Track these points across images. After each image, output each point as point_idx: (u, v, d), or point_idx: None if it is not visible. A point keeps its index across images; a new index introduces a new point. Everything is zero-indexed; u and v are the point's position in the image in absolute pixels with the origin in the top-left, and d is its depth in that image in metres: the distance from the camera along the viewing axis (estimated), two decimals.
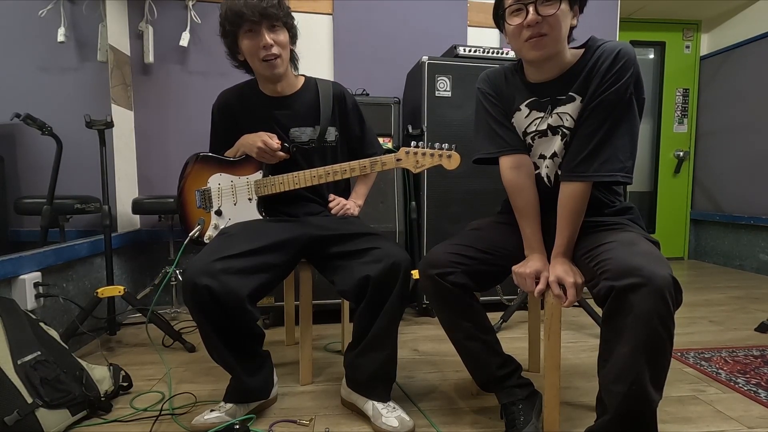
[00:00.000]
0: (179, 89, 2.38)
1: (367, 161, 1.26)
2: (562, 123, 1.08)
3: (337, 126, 1.43)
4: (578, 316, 2.08)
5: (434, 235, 2.13)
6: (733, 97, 3.32)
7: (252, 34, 1.24)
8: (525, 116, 1.13)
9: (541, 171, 1.15)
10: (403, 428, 1.15)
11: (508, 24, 1.02)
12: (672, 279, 0.83)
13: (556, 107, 1.08)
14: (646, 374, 0.84)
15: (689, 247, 3.76)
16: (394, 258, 1.18)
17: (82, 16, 1.99)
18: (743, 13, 3.29)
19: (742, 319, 2.10)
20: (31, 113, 1.61)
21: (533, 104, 1.12)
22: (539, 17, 0.97)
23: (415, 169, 1.24)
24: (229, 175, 1.38)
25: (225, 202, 1.37)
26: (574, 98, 1.05)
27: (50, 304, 1.62)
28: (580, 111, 1.05)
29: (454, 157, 1.21)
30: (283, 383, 1.46)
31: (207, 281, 1.07)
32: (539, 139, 1.13)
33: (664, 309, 0.82)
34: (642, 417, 0.87)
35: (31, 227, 1.68)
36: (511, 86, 1.16)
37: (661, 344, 0.84)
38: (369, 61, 2.51)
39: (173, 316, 2.17)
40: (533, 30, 0.98)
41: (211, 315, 1.11)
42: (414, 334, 1.94)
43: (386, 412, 1.19)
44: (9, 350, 1.13)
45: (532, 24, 0.97)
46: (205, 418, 1.18)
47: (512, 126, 1.16)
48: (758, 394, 1.35)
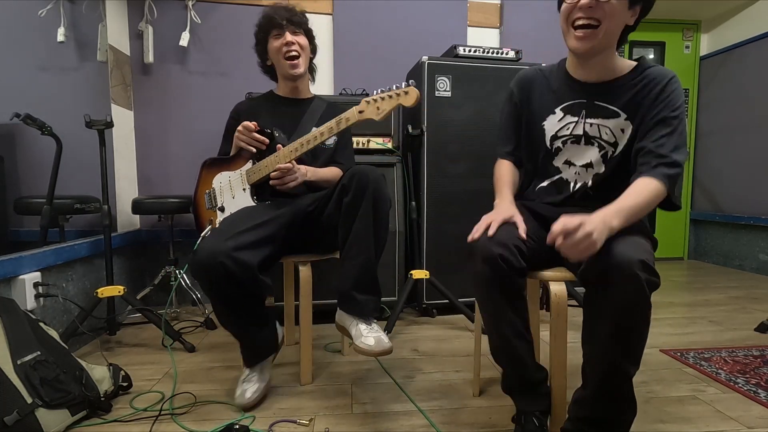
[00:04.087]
0: (179, 89, 2.38)
1: (333, 121, 1.27)
2: (600, 135, 1.07)
3: (336, 135, 1.45)
4: (578, 316, 2.08)
5: (434, 235, 2.14)
6: (733, 97, 3.32)
7: (278, 36, 1.50)
8: (558, 119, 1.12)
9: (563, 175, 1.15)
10: (378, 347, 1.17)
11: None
12: (641, 262, 0.84)
13: (593, 116, 1.07)
14: (622, 354, 0.90)
15: (689, 247, 3.76)
16: (359, 169, 1.27)
17: (82, 16, 1.99)
18: (743, 13, 3.29)
19: (742, 319, 2.10)
20: (31, 113, 1.61)
21: (568, 108, 1.11)
22: (597, 4, 0.92)
23: (378, 116, 1.21)
24: (227, 172, 1.49)
25: (226, 198, 1.47)
26: (619, 114, 1.04)
27: (50, 304, 1.62)
28: (632, 132, 1.04)
29: (410, 92, 1.16)
30: (283, 383, 1.46)
31: (222, 259, 1.14)
32: (571, 144, 1.11)
33: (638, 292, 0.85)
34: (620, 390, 0.94)
35: (31, 227, 1.68)
36: (547, 90, 1.14)
37: (636, 326, 0.88)
38: (369, 61, 2.51)
39: (173, 316, 2.17)
40: (585, 14, 0.94)
41: (225, 290, 1.19)
42: (414, 334, 1.94)
43: (366, 332, 1.23)
44: (9, 350, 1.13)
45: (584, 7, 0.93)
46: (247, 396, 1.28)
47: (518, 131, 1.22)
48: (758, 394, 1.35)
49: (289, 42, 1.49)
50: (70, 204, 1.83)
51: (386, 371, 1.54)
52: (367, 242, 1.27)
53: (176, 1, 2.33)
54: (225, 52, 2.39)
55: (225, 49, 2.42)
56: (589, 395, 0.97)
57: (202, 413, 1.27)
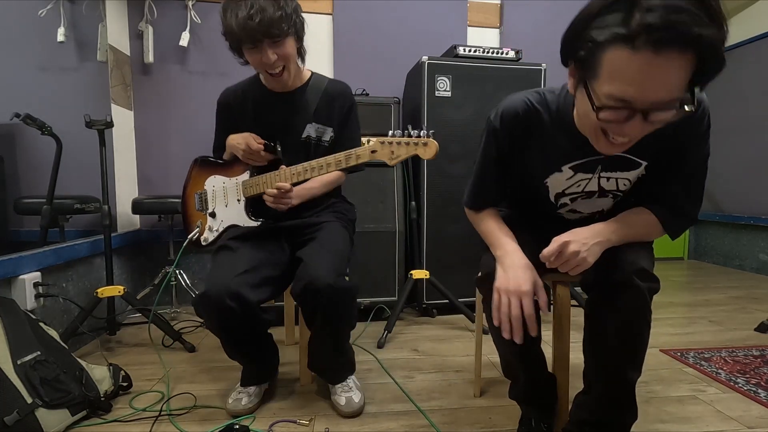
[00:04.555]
0: (179, 89, 2.38)
1: (342, 155, 1.19)
2: (617, 188, 0.96)
3: (335, 127, 1.42)
4: (578, 316, 2.08)
5: (434, 235, 2.13)
6: (733, 97, 3.32)
7: (255, 50, 1.22)
8: (567, 178, 0.96)
9: (564, 216, 1.06)
10: (347, 408, 1.26)
11: (589, 106, 0.72)
12: (642, 270, 0.85)
13: (611, 169, 0.92)
14: (626, 363, 0.90)
15: (689, 247, 3.76)
16: (313, 285, 1.14)
17: (82, 16, 1.99)
18: (743, 13, 3.29)
19: (742, 319, 2.10)
20: (31, 113, 1.61)
21: (580, 167, 0.93)
22: (646, 125, 0.71)
23: (391, 161, 1.15)
24: (222, 177, 1.39)
25: (218, 204, 1.39)
26: (640, 164, 0.91)
27: (50, 304, 1.62)
28: (646, 171, 0.93)
29: (430, 144, 1.10)
30: (283, 383, 1.46)
31: (231, 303, 1.13)
32: (582, 200, 1.00)
33: (639, 299, 0.85)
34: (623, 395, 0.94)
35: (31, 227, 1.68)
36: (550, 143, 0.93)
37: (639, 333, 0.88)
38: (369, 61, 2.51)
39: (173, 316, 2.17)
40: (629, 135, 0.75)
41: (232, 328, 1.21)
42: (414, 334, 1.94)
43: (340, 391, 1.31)
44: (9, 350, 1.13)
45: (632, 133, 0.73)
46: (243, 403, 1.27)
47: (502, 181, 1.03)
48: (758, 394, 1.35)
49: (269, 63, 1.22)
50: (70, 204, 1.83)
51: (386, 371, 1.54)
52: (327, 338, 1.28)
53: (176, 1, 2.33)
54: (225, 52, 2.33)
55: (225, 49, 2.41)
56: (591, 400, 0.97)
57: (202, 413, 1.27)
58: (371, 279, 2.09)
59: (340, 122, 1.41)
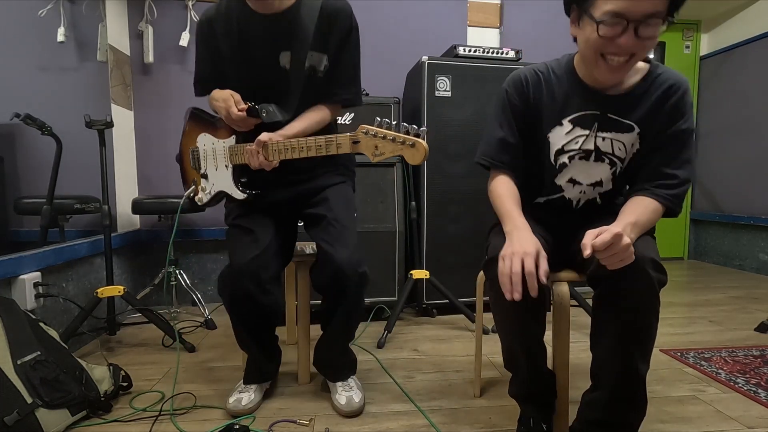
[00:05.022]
0: (179, 89, 2.38)
1: (322, 139, 1.10)
2: (613, 151, 1.01)
3: (329, 54, 1.24)
4: (578, 316, 2.08)
5: (434, 235, 2.13)
6: (733, 97, 3.32)
7: None
8: (566, 132, 1.03)
9: (565, 194, 1.08)
10: (347, 407, 1.25)
11: (591, 27, 0.87)
12: (652, 260, 0.86)
13: (607, 129, 1.00)
14: (636, 355, 0.90)
15: (689, 247, 3.76)
16: (342, 271, 1.19)
17: (82, 16, 1.99)
18: (743, 13, 3.29)
19: (742, 319, 2.10)
20: (31, 113, 1.61)
21: (579, 120, 1.01)
22: (638, 40, 0.85)
23: (374, 157, 1.03)
24: (211, 136, 1.29)
25: (209, 166, 1.31)
26: (633, 128, 0.99)
27: (50, 304, 1.62)
28: (640, 144, 1.00)
29: (418, 147, 0.98)
30: (283, 383, 1.46)
31: (252, 288, 1.18)
32: (579, 160, 1.04)
33: (650, 289, 0.86)
34: (635, 389, 0.94)
35: (31, 227, 1.68)
36: (553, 97, 1.03)
37: (649, 324, 0.89)
38: (369, 61, 2.49)
39: (173, 316, 2.17)
40: (623, 51, 0.87)
41: (246, 314, 1.24)
42: (414, 334, 1.94)
43: (341, 390, 1.31)
44: (9, 350, 1.13)
45: (626, 46, 0.86)
46: (243, 403, 1.26)
47: (520, 142, 1.07)
48: (758, 394, 1.35)
49: None
50: (70, 204, 1.83)
51: (386, 371, 1.54)
52: (343, 333, 1.33)
53: (176, 1, 2.33)
54: None
55: None
56: (602, 397, 0.96)
57: (202, 413, 1.27)
58: (371, 279, 2.08)
59: (336, 48, 1.23)
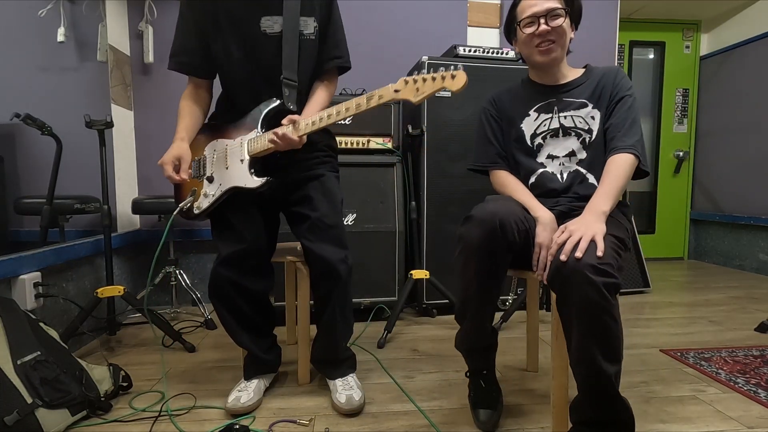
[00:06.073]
0: (179, 89, 2.33)
1: (363, 97, 1.11)
2: (575, 125, 1.23)
3: (317, 15, 1.28)
4: None
5: (434, 235, 2.13)
6: (732, 97, 3.32)
7: None
8: (534, 119, 1.28)
9: (548, 169, 1.26)
10: (347, 405, 1.25)
11: (521, 33, 1.22)
12: (592, 266, 0.90)
13: (565, 109, 1.25)
14: (598, 354, 0.92)
15: (689, 247, 3.76)
16: (329, 266, 1.26)
17: (82, 16, 1.99)
18: (743, 13, 3.29)
19: (742, 319, 2.10)
20: (31, 113, 1.61)
21: (541, 108, 1.28)
22: (549, 27, 1.18)
23: (416, 98, 1.08)
24: (224, 139, 1.32)
25: (217, 168, 1.31)
26: (586, 104, 1.23)
27: (50, 304, 1.62)
28: (601, 116, 1.21)
29: (458, 76, 1.02)
30: (283, 383, 1.46)
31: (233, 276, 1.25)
32: (550, 138, 1.26)
33: (596, 293, 0.89)
34: (604, 389, 0.95)
35: (31, 227, 1.68)
36: (518, 98, 1.32)
37: (604, 325, 0.91)
38: (369, 61, 2.51)
39: (173, 316, 2.17)
40: (543, 37, 1.19)
41: (231, 300, 1.28)
42: (414, 334, 1.94)
43: (341, 388, 1.31)
44: (9, 350, 1.13)
45: (543, 33, 1.19)
46: (242, 401, 1.26)
47: (504, 146, 1.33)
48: (758, 394, 1.35)
49: None
50: (70, 204, 1.83)
51: (386, 371, 1.54)
52: (336, 328, 1.35)
53: (176, 1, 2.31)
54: None
55: None
56: (579, 398, 1.01)
57: (202, 413, 1.27)
58: (371, 279, 2.09)
59: (324, 10, 1.33)
